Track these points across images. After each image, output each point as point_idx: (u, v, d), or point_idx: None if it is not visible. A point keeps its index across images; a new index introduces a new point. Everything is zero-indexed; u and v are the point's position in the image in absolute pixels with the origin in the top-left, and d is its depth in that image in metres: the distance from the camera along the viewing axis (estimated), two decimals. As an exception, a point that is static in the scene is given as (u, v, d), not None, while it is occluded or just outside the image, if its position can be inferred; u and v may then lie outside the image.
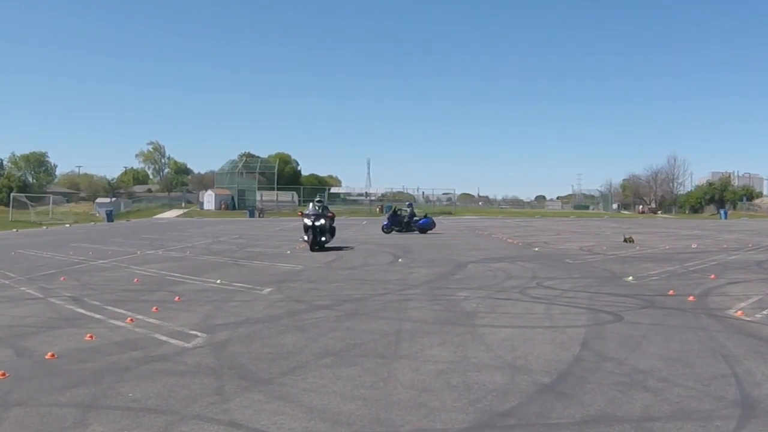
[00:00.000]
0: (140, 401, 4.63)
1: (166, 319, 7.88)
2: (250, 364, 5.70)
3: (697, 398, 4.64)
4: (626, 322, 7.55)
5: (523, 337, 6.74)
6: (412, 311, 8.50)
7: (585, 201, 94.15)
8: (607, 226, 37.18)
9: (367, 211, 63.97)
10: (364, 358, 5.88)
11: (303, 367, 5.59)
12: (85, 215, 56.35)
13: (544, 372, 5.36)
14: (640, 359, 5.79)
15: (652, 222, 48.65)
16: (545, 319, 7.89)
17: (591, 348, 6.24)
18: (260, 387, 4.99)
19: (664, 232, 30.38)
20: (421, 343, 6.48)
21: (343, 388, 4.93)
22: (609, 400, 4.61)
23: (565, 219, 55.55)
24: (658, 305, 8.83)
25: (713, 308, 8.54)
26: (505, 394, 4.75)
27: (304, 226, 18.58)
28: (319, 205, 19.26)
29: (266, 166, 77.50)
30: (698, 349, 6.21)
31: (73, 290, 10.59)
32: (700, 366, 5.54)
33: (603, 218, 57.79)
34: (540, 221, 48.95)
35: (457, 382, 5.09)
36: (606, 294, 9.89)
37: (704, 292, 10.04)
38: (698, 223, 46.63)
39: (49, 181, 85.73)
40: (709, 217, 65.05)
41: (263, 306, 8.91)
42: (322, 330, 7.20)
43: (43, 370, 5.54)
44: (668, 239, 24.68)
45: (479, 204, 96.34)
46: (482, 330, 7.17)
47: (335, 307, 8.76)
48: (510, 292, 10.15)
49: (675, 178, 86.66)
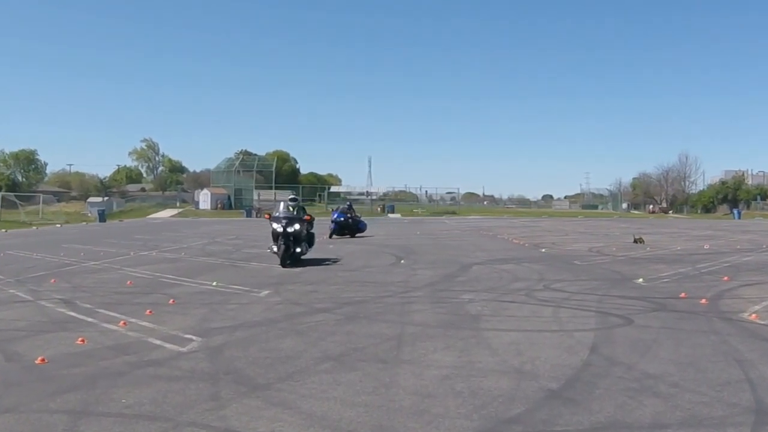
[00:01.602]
0: (133, 408, 4.64)
1: (160, 322, 7.89)
2: (247, 369, 5.71)
3: (709, 404, 4.64)
4: (636, 326, 7.55)
5: (530, 341, 6.74)
6: (415, 314, 8.50)
7: (594, 200, 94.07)
8: (617, 227, 37.15)
9: (369, 211, 63.95)
10: (365, 363, 5.89)
11: (302, 372, 5.59)
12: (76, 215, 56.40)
13: (551, 377, 5.36)
14: (651, 364, 5.78)
15: (663, 222, 48.60)
16: (553, 322, 7.89)
17: (600, 352, 6.23)
18: (257, 393, 5.00)
19: (676, 233, 30.35)
20: (424, 348, 6.49)
21: (344, 394, 4.93)
22: (618, 406, 4.61)
23: (573, 219, 55.52)
24: (670, 308, 8.82)
25: (726, 311, 8.54)
26: (511, 401, 4.75)
27: (273, 233, 14.91)
28: (293, 206, 15.55)
29: (264, 165, 77.51)
30: (711, 353, 6.21)
31: (64, 293, 10.61)
32: (712, 371, 5.54)
33: (612, 218, 57.75)
34: (547, 221, 48.93)
35: (461, 387, 5.10)
36: (615, 296, 9.89)
37: (717, 294, 10.03)
38: (711, 223, 46.57)
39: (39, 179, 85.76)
40: (722, 217, 64.96)
41: (261, 309, 8.92)
42: (321, 334, 7.21)
43: (33, 375, 5.55)
44: (680, 240, 24.65)
45: (484, 203, 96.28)
46: (487, 334, 7.17)
47: (335, 310, 8.76)
48: (516, 295, 10.15)
49: (687, 177, 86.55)
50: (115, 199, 73.11)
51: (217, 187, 71.50)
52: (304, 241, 15.22)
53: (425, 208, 72.58)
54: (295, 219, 14.91)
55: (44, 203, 55.11)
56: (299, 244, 14.97)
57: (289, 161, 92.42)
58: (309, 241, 15.72)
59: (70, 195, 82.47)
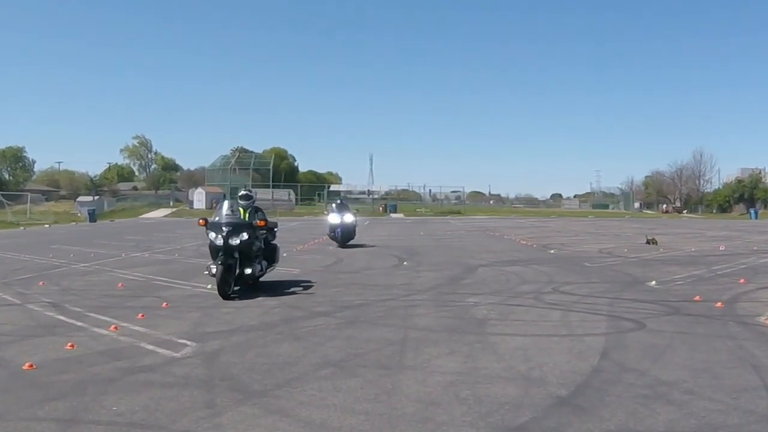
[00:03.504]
0: (125, 415, 4.64)
1: (152, 326, 7.90)
2: (244, 376, 5.72)
3: (725, 412, 4.64)
4: (649, 330, 7.55)
5: (538, 347, 6.75)
6: (418, 318, 8.51)
7: (604, 199, 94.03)
8: (629, 227, 37.14)
9: (370, 211, 64.03)
10: (366, 369, 5.89)
11: (300, 378, 5.60)
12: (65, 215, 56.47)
13: (560, 384, 5.36)
14: (664, 370, 5.78)
15: (677, 222, 48.58)
16: (562, 326, 7.90)
17: (611, 358, 6.23)
18: (254, 400, 5.00)
19: (690, 233, 30.33)
20: (428, 353, 6.49)
21: (344, 402, 4.94)
22: (630, 414, 4.61)
23: (583, 219, 55.53)
24: (684, 312, 8.82)
25: (742, 315, 8.53)
26: (518, 408, 4.75)
27: (211, 247, 10.75)
28: (245, 206, 11.29)
29: (261, 162, 77.65)
30: (726, 359, 6.21)
31: (53, 296, 10.63)
32: (728, 377, 5.54)
33: (624, 218, 57.73)
34: (556, 221, 48.93)
35: (466, 394, 5.10)
36: (627, 300, 9.89)
37: (733, 297, 10.03)
38: (726, 223, 46.55)
39: (27, 178, 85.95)
40: (738, 216, 64.90)
41: (257, 313, 8.93)
42: (320, 338, 7.22)
43: (21, 381, 5.56)
44: (694, 240, 24.64)
45: (490, 203, 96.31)
46: (493, 339, 7.17)
47: (335, 314, 8.77)
48: (524, 298, 10.15)
49: (701, 175, 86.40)
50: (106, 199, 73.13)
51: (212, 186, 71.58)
52: (257, 257, 11.06)
53: (429, 207, 72.61)
54: (243, 226, 10.71)
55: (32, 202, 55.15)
56: (249, 261, 10.72)
57: (287, 159, 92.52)
58: (270, 255, 11.71)
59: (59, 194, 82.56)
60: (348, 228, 21.18)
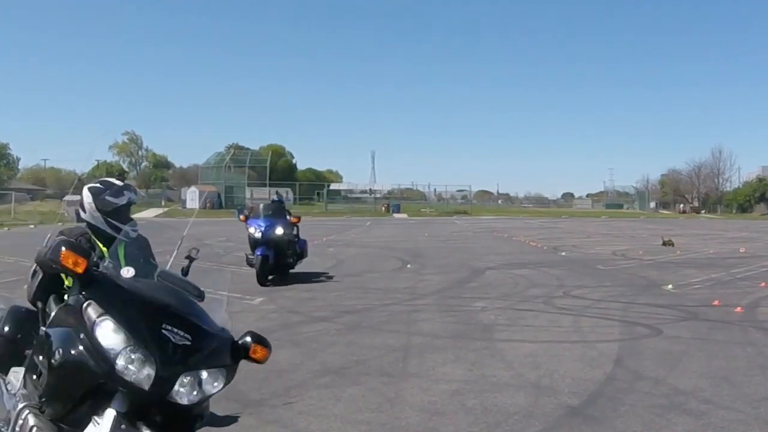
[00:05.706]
0: (116, 424, 4.66)
1: (144, 332, 7.91)
2: (239, 384, 5.71)
3: (745, 422, 4.65)
4: (665, 337, 7.56)
5: (548, 354, 6.75)
6: (422, 324, 8.52)
7: (618, 199, 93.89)
8: (644, 228, 37.10)
9: (372, 210, 64.07)
10: (368, 377, 5.91)
11: (299, 386, 5.62)
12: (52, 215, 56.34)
13: (571, 393, 5.37)
14: (681, 378, 5.79)
15: (695, 223, 48.51)
16: (573, 332, 7.90)
17: (625, 365, 6.24)
18: (250, 409, 5.02)
19: (708, 235, 30.30)
20: (432, 360, 6.51)
21: (345, 411, 4.95)
22: (645, 424, 4.62)
23: (595, 219, 55.47)
24: (701, 317, 8.83)
25: (763, 320, 8.54)
26: (527, 418, 4.76)
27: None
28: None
29: (257, 160, 77.62)
30: (746, 366, 6.21)
31: (40, 300, 10.63)
32: (748, 386, 5.55)
33: (639, 219, 57.65)
34: (567, 222, 48.89)
35: (472, 403, 5.11)
36: (642, 304, 9.89)
37: (753, 302, 10.03)
38: (747, 224, 46.48)
39: (11, 176, 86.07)
40: (759, 217, 64.81)
41: (254, 318, 8.94)
42: (320, 345, 7.23)
43: (7, 389, 5.58)
44: (713, 242, 24.62)
45: (498, 202, 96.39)
46: (501, 345, 7.18)
47: (335, 319, 8.79)
48: (533, 303, 10.16)
49: (720, 174, 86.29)
50: (95, 198, 73.18)
51: (206, 185, 71.56)
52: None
53: (434, 207, 72.55)
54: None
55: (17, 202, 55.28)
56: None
57: (285, 156, 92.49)
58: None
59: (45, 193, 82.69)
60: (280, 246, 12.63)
